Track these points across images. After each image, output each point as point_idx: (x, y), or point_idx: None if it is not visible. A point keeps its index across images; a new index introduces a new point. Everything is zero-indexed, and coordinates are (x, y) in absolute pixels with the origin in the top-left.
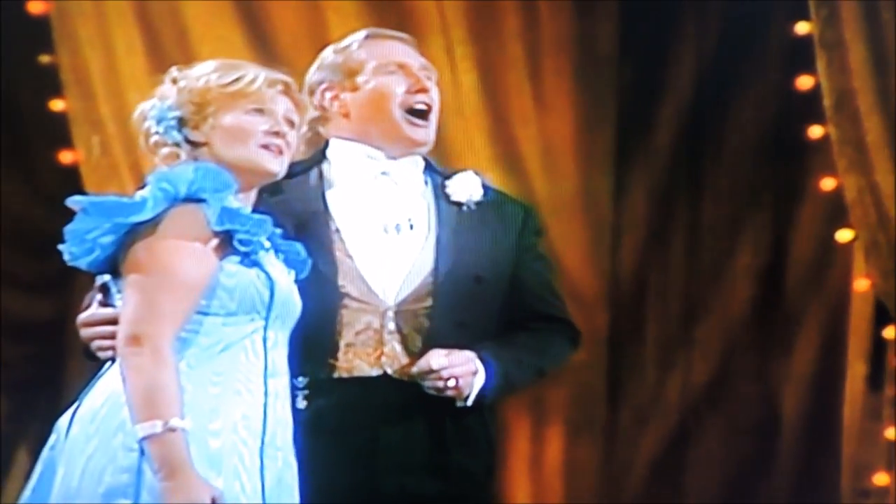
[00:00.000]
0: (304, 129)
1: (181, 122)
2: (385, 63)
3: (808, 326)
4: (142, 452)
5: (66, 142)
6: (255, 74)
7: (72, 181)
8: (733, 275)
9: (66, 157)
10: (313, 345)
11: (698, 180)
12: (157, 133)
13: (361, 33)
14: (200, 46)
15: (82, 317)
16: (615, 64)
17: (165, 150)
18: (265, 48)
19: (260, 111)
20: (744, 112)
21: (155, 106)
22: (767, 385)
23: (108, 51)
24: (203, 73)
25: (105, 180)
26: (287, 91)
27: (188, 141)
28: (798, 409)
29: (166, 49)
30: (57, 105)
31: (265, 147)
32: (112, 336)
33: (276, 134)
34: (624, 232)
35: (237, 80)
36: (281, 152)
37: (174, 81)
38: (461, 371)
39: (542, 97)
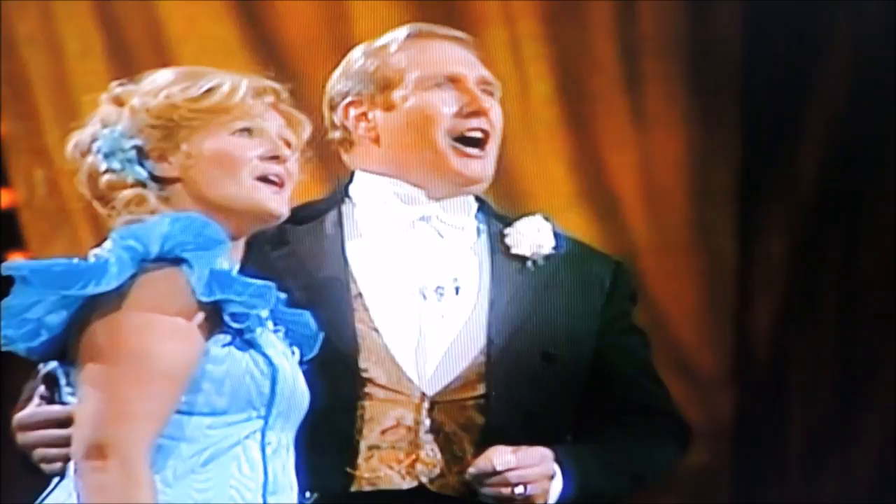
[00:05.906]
0: (298, 153)
1: (141, 154)
2: (432, 74)
3: None
4: None
5: (0, 178)
6: (235, 82)
7: (8, 229)
8: None
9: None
10: (325, 449)
11: (855, 222)
12: (109, 171)
13: (403, 30)
14: (181, 47)
15: (21, 416)
16: (741, 68)
17: (127, 194)
18: (268, 50)
19: (248, 131)
20: None
21: (99, 135)
22: None
23: (56, 55)
24: (160, 84)
25: (53, 229)
26: (277, 102)
27: (154, 178)
28: None
29: (135, 52)
30: None
31: (263, 179)
32: (61, 442)
33: (276, 159)
34: (755, 291)
35: (211, 90)
36: (282, 184)
37: (117, 101)
38: (534, 473)
39: (642, 113)
